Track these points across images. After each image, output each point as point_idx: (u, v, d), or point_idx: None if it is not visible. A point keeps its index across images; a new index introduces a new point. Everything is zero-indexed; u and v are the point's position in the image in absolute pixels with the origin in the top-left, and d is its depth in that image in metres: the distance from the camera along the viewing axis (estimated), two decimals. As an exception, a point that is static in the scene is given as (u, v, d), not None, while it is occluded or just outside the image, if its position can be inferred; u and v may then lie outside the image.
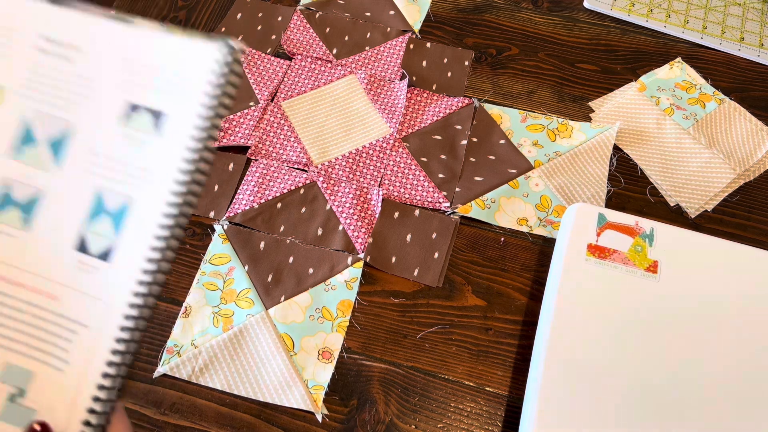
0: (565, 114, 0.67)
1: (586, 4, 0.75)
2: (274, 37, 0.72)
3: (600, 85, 0.69)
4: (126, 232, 0.32)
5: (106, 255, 0.32)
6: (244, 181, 0.61)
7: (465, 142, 0.64)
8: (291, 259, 0.57)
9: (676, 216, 0.61)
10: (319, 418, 0.50)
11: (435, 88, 0.68)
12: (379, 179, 0.62)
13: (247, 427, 0.50)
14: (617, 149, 0.64)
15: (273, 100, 0.67)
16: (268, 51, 0.71)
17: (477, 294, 0.56)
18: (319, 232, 0.59)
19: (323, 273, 0.57)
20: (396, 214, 0.60)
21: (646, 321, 0.48)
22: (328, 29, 0.73)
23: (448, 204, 0.60)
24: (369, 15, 0.74)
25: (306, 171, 0.62)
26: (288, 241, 0.58)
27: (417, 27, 0.73)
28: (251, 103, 0.66)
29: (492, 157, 0.64)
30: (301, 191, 0.61)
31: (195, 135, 0.31)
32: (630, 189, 0.62)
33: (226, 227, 0.59)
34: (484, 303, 0.56)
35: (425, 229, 0.59)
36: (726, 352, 0.47)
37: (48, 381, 0.31)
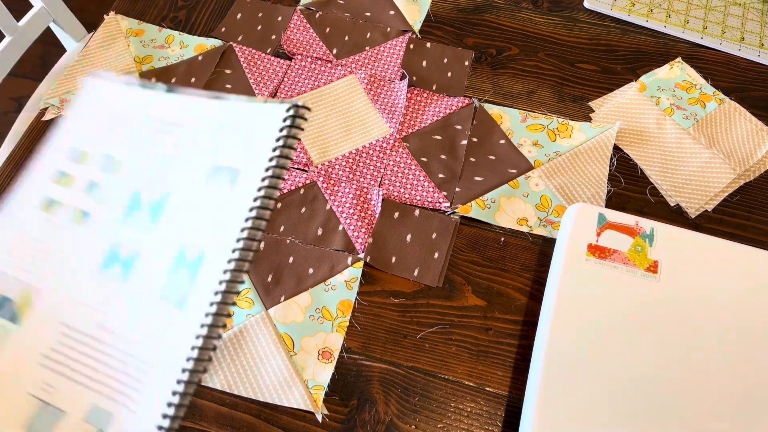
0: (565, 114, 0.67)
1: (586, 4, 0.75)
2: (274, 37, 0.72)
3: (600, 85, 0.69)
4: (199, 280, 0.34)
5: (181, 303, 0.34)
6: (244, 181, 0.61)
7: (465, 142, 0.64)
8: (291, 259, 0.57)
9: (676, 216, 0.61)
10: (319, 418, 0.50)
11: (435, 88, 0.68)
12: (379, 179, 0.62)
13: (247, 427, 0.50)
14: (617, 149, 0.64)
15: (273, 100, 0.67)
16: (268, 51, 0.71)
17: (477, 294, 0.56)
18: (319, 232, 0.59)
19: (323, 273, 0.57)
20: (396, 214, 0.60)
21: (646, 321, 0.48)
22: (328, 29, 0.73)
23: (448, 204, 0.60)
24: (369, 15, 0.74)
25: (306, 171, 0.62)
26: (288, 241, 0.58)
27: (417, 27, 0.73)
28: (251, 103, 0.66)
29: (492, 157, 0.64)
30: (301, 191, 0.61)
31: (262, 186, 0.34)
32: (630, 189, 0.62)
33: (226, 227, 0.59)
34: (484, 303, 0.56)
35: (425, 229, 0.59)
36: (726, 351, 0.47)
37: (123, 422, 0.33)
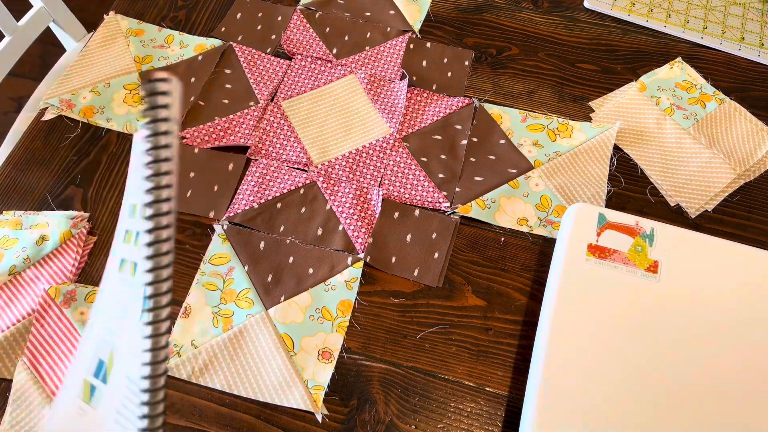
0: (566, 114, 0.67)
1: (586, 3, 0.75)
2: (274, 37, 0.72)
3: (600, 85, 0.69)
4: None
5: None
6: (244, 181, 0.61)
7: (465, 142, 0.64)
8: (291, 259, 0.57)
9: (676, 216, 0.61)
10: (319, 418, 0.50)
11: (435, 88, 0.68)
12: (379, 179, 0.62)
13: (247, 427, 0.50)
14: (617, 149, 0.64)
15: (273, 99, 0.67)
16: (268, 51, 0.71)
17: (477, 294, 0.56)
18: (319, 232, 0.59)
19: (323, 273, 0.57)
20: (396, 214, 0.60)
21: (646, 321, 0.48)
22: (328, 29, 0.73)
23: (448, 204, 0.60)
24: (369, 15, 0.74)
25: (306, 171, 0.62)
26: (288, 241, 0.58)
27: (417, 27, 0.73)
28: (251, 103, 0.66)
29: (492, 157, 0.64)
30: (301, 191, 0.61)
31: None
32: (630, 189, 0.62)
33: (225, 227, 0.59)
34: (484, 303, 0.56)
35: (425, 229, 0.59)
36: (726, 351, 0.47)
37: None
